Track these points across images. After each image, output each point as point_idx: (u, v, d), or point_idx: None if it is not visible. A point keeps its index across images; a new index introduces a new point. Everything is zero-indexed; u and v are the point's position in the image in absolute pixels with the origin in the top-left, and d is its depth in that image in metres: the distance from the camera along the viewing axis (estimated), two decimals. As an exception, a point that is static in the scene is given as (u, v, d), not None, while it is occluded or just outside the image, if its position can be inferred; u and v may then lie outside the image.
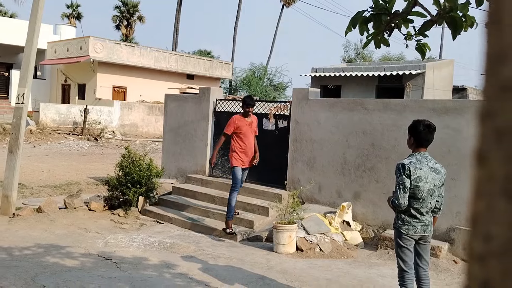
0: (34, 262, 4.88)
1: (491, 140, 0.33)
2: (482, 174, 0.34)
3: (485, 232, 0.33)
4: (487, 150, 0.34)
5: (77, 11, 38.79)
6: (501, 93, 0.32)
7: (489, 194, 0.33)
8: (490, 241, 0.33)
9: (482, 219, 0.33)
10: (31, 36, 7.07)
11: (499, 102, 0.33)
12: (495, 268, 0.32)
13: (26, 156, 12.39)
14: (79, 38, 24.00)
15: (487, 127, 0.34)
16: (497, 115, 0.33)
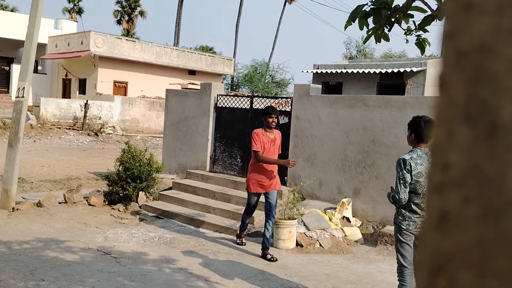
0: (33, 256, 4.88)
1: (452, 62, 0.32)
2: (443, 100, 0.33)
3: (444, 161, 0.32)
4: (448, 74, 0.32)
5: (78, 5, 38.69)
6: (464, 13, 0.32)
7: (449, 120, 0.32)
8: (449, 170, 0.32)
9: (441, 147, 0.32)
10: (32, 30, 7.04)
11: (461, 22, 0.32)
12: (453, 197, 0.31)
13: (26, 151, 12.39)
14: (80, 32, 23.94)
15: (449, 49, 0.32)
16: (459, 35, 0.32)
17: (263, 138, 5.45)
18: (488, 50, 0.30)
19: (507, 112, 0.29)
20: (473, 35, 0.31)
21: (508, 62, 0.29)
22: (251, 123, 8.11)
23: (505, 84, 0.29)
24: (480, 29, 0.30)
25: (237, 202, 7.28)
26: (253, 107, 8.15)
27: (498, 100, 0.29)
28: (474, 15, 0.31)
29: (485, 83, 0.30)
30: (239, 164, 8.26)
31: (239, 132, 8.24)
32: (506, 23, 0.29)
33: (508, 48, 0.29)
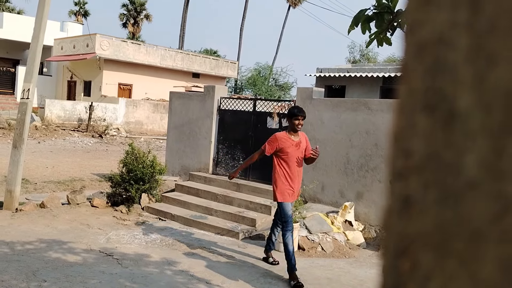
0: (36, 257, 4.90)
1: (413, 54, 0.33)
2: (404, 90, 0.34)
3: (405, 148, 0.33)
4: (408, 65, 0.34)
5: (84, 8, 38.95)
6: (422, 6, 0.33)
7: (410, 109, 0.33)
8: (410, 156, 0.33)
9: (402, 135, 0.34)
10: (37, 32, 7.10)
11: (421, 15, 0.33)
12: (415, 183, 0.32)
13: (31, 152, 12.45)
14: (85, 35, 24.09)
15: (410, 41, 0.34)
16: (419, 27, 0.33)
17: (284, 143, 4.86)
18: (445, 42, 0.31)
19: (463, 101, 0.30)
20: (431, 28, 0.32)
21: (463, 53, 0.30)
22: (254, 126, 8.13)
23: (461, 74, 0.30)
24: (438, 22, 0.32)
25: (239, 205, 7.28)
26: (256, 109, 8.16)
27: (455, 89, 0.31)
28: (433, 8, 0.32)
29: (442, 73, 0.31)
30: (242, 167, 8.26)
31: (242, 135, 8.26)
32: (461, 16, 0.31)
33: (463, 39, 0.30)
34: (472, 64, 0.30)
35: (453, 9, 0.31)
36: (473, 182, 0.30)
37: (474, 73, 0.30)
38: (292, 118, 4.91)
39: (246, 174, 8.16)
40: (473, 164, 0.30)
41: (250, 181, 7.99)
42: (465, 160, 0.30)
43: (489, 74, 0.29)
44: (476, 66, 0.30)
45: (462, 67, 0.30)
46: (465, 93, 0.30)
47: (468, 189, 0.30)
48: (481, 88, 0.30)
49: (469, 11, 0.30)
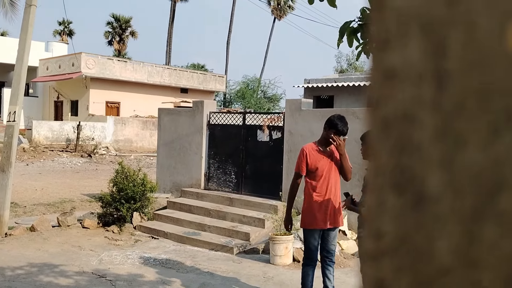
0: (27, 282, 4.81)
1: (379, 131, 0.32)
2: (373, 167, 0.33)
3: (376, 229, 0.32)
4: (376, 142, 0.33)
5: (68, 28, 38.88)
6: (386, 81, 0.32)
7: (379, 188, 0.32)
8: (381, 238, 0.31)
9: (374, 215, 0.32)
10: (22, 53, 7.06)
11: (385, 90, 0.32)
12: (387, 266, 0.31)
13: (19, 175, 12.28)
14: (71, 54, 24.00)
15: (375, 118, 0.33)
16: (383, 104, 0.32)
17: (313, 156, 4.16)
18: (411, 119, 0.30)
19: (432, 182, 0.29)
20: (395, 104, 0.31)
21: (430, 132, 0.29)
22: (244, 139, 8.13)
23: (428, 153, 0.29)
24: (402, 98, 0.30)
25: (232, 219, 7.24)
26: (246, 123, 8.17)
27: (423, 169, 0.29)
28: (396, 83, 0.31)
29: (409, 152, 0.30)
30: (234, 181, 8.24)
31: (233, 149, 8.25)
32: (427, 93, 0.30)
33: (429, 118, 0.29)
34: (439, 144, 0.29)
35: (418, 85, 0.30)
36: (445, 269, 0.28)
37: (443, 154, 0.29)
38: (331, 130, 4.12)
39: (239, 188, 8.13)
40: (445, 250, 0.29)
41: (242, 195, 7.96)
42: (437, 245, 0.29)
43: (458, 156, 0.28)
44: (444, 147, 0.29)
45: (429, 147, 0.29)
46: (434, 174, 0.29)
47: (441, 276, 0.28)
48: (450, 170, 0.28)
49: (435, 88, 0.29)
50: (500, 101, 0.27)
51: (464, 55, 0.28)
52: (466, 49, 0.28)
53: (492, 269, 0.27)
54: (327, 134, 4.13)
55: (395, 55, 0.31)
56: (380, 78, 0.32)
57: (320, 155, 4.16)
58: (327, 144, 4.17)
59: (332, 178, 4.18)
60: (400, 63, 0.30)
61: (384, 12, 0.31)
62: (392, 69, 0.31)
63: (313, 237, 4.16)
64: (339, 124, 4.12)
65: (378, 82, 0.32)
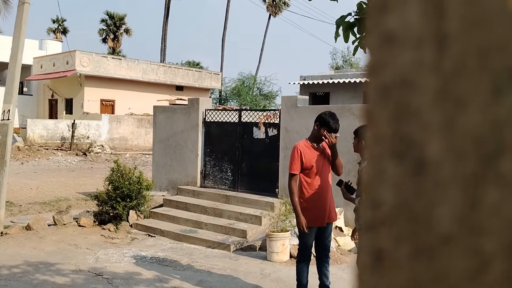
0: (23, 281, 4.79)
1: (376, 97, 0.32)
2: (371, 136, 0.32)
3: (374, 198, 0.31)
4: (373, 109, 0.32)
5: (63, 25, 38.64)
6: (385, 45, 0.31)
7: (378, 156, 0.31)
8: (379, 207, 0.31)
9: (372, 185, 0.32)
10: (15, 51, 7.00)
11: (383, 55, 0.31)
12: (386, 235, 0.30)
13: (14, 173, 12.21)
14: (65, 52, 23.87)
15: (373, 84, 0.32)
16: (382, 69, 0.31)
17: (307, 153, 4.12)
18: (410, 84, 0.29)
19: (432, 148, 0.29)
20: (394, 69, 0.30)
21: (430, 96, 0.29)
22: (240, 137, 8.12)
23: (428, 118, 0.29)
24: (401, 62, 0.30)
25: (229, 217, 7.24)
26: (242, 120, 8.16)
27: (423, 136, 0.29)
28: (395, 48, 0.30)
29: (409, 118, 0.29)
30: (230, 178, 8.24)
31: (229, 146, 8.24)
32: (427, 56, 0.29)
33: (429, 81, 0.29)
34: (439, 108, 0.28)
35: (418, 48, 0.29)
36: (447, 236, 0.28)
37: (443, 118, 0.28)
38: (323, 127, 4.11)
39: (235, 186, 8.13)
40: (446, 217, 0.28)
41: (239, 192, 7.96)
42: (438, 212, 0.28)
43: (458, 119, 0.28)
44: (444, 111, 0.28)
45: (429, 112, 0.29)
46: (434, 139, 0.28)
47: (442, 244, 0.28)
48: (451, 134, 0.28)
49: (435, 50, 0.29)
50: (501, 59, 0.26)
51: (464, 15, 0.27)
52: (465, 9, 0.27)
53: (494, 235, 0.26)
54: (319, 132, 4.11)
55: (394, 18, 0.30)
56: (379, 43, 0.31)
57: (314, 152, 4.14)
58: (319, 141, 4.15)
59: (325, 174, 4.16)
60: (399, 26, 0.30)
61: None
62: (390, 32, 0.30)
63: (310, 234, 4.14)
64: (331, 122, 4.10)
65: (376, 47, 0.31)
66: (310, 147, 4.14)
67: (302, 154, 4.10)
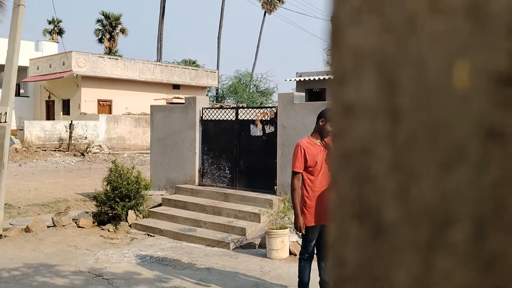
0: (23, 283, 4.79)
1: (340, 161, 0.33)
2: (334, 197, 0.34)
3: (339, 257, 0.33)
4: (337, 173, 0.33)
5: (58, 26, 38.51)
6: (345, 115, 0.33)
7: (341, 217, 0.33)
8: (344, 266, 0.32)
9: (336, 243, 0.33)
10: (11, 53, 6.99)
11: (344, 124, 0.33)
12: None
13: (12, 175, 12.20)
14: (61, 53, 23.81)
15: (336, 149, 0.34)
16: (344, 136, 0.33)
17: (310, 150, 4.07)
18: (368, 152, 0.31)
19: (388, 214, 0.30)
20: (354, 137, 0.32)
21: (385, 164, 0.30)
22: (238, 134, 8.13)
23: (384, 185, 0.30)
24: (360, 132, 0.32)
25: (228, 215, 7.25)
26: (239, 118, 8.17)
27: (380, 201, 0.30)
28: (354, 118, 0.32)
29: (367, 184, 0.31)
30: (228, 176, 8.25)
31: (226, 144, 8.25)
32: (381, 127, 0.31)
33: (384, 151, 0.30)
34: (394, 176, 0.30)
35: (373, 120, 0.31)
36: None
37: (398, 186, 0.29)
38: (328, 122, 3.99)
39: (233, 183, 8.14)
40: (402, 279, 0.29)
41: (237, 190, 7.98)
42: (395, 275, 0.30)
43: (412, 188, 0.29)
44: (398, 179, 0.29)
45: (385, 179, 0.30)
46: (390, 205, 0.30)
47: None
48: (405, 202, 0.29)
49: (389, 123, 0.30)
50: (448, 135, 0.28)
51: (415, 92, 0.29)
52: (416, 86, 0.28)
53: None
54: (325, 127, 4.03)
55: (352, 91, 0.32)
56: (340, 112, 0.33)
57: (317, 149, 4.09)
58: (322, 137, 4.11)
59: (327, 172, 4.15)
60: (356, 99, 0.31)
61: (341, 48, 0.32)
62: (349, 104, 0.32)
63: (313, 232, 4.12)
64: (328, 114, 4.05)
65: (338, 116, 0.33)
66: (314, 144, 4.10)
67: (306, 152, 4.06)
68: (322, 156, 4.07)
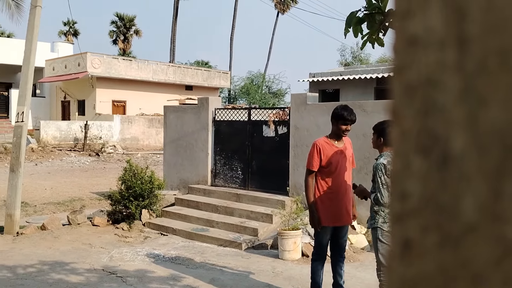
0: (39, 280, 4.87)
1: (403, 95, 0.33)
2: (397, 132, 0.34)
3: (401, 191, 0.33)
4: (400, 107, 0.34)
5: (73, 28, 39.05)
6: (408, 48, 0.33)
7: (404, 151, 0.33)
8: (406, 199, 0.33)
9: (399, 178, 0.33)
10: (28, 54, 7.11)
11: (408, 57, 0.33)
12: (413, 226, 0.32)
13: (29, 174, 12.39)
14: (76, 54, 24.13)
15: (399, 83, 0.34)
16: (407, 70, 0.33)
17: (326, 150, 4.06)
18: (434, 83, 0.31)
19: (457, 143, 0.30)
20: (419, 69, 0.32)
21: (454, 94, 0.30)
22: (250, 135, 8.14)
23: (453, 115, 0.30)
24: (426, 63, 0.32)
25: (240, 215, 7.26)
26: (251, 119, 8.18)
27: (448, 131, 0.31)
28: (419, 49, 0.32)
29: (434, 115, 0.31)
30: (240, 177, 8.26)
31: (239, 145, 8.27)
32: (449, 57, 0.31)
33: (452, 81, 0.30)
34: (463, 105, 0.30)
35: (441, 49, 0.31)
36: (471, 225, 0.29)
37: (466, 114, 0.30)
38: (339, 122, 4.03)
39: (246, 184, 8.15)
40: (470, 207, 0.30)
41: (249, 190, 7.98)
42: (462, 203, 0.30)
43: (481, 115, 0.29)
44: (467, 107, 0.30)
45: (454, 109, 0.30)
46: (458, 134, 0.30)
47: (467, 233, 0.30)
48: (474, 129, 0.29)
49: (457, 51, 0.30)
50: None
51: (484, 19, 0.29)
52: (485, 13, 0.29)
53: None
54: (337, 128, 4.05)
55: (417, 22, 0.32)
56: (403, 46, 0.33)
57: (333, 149, 4.07)
58: (339, 137, 4.11)
59: (344, 173, 4.09)
60: (422, 30, 0.32)
61: None
62: (414, 36, 0.32)
63: (325, 233, 4.10)
64: (345, 113, 4.03)
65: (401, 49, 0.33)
66: (330, 144, 4.09)
67: (322, 151, 4.04)
68: (339, 157, 4.06)
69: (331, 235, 4.14)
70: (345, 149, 4.12)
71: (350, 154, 4.18)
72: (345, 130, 4.05)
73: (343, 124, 4.03)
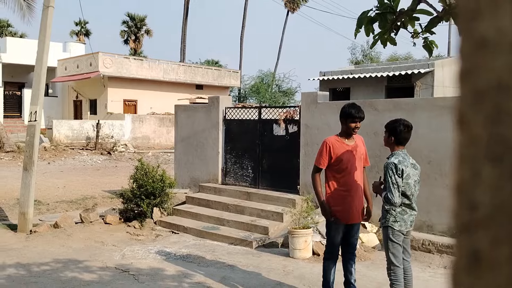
0: (52, 277, 4.93)
1: (471, 101, 0.32)
2: (464, 139, 0.32)
3: (470, 200, 0.31)
4: (467, 113, 0.32)
5: (85, 28, 39.39)
6: (477, 51, 0.31)
7: (472, 159, 0.31)
8: (476, 209, 0.31)
9: (466, 186, 0.32)
10: (41, 54, 7.19)
11: (477, 60, 0.31)
12: (483, 237, 0.30)
13: (41, 173, 12.54)
14: (88, 54, 24.35)
15: (466, 88, 0.32)
16: (475, 74, 0.31)
17: (337, 148, 4.03)
18: (506, 87, 0.29)
19: None
20: (489, 74, 0.30)
21: None
22: (260, 134, 8.14)
23: None
24: (496, 67, 0.30)
25: (250, 214, 7.28)
26: (262, 117, 8.18)
27: None
28: (489, 53, 0.30)
29: (505, 121, 0.30)
30: (251, 175, 8.27)
31: (249, 143, 8.27)
32: None
33: None
34: None
35: None
36: None
37: None
38: (347, 120, 4.03)
39: (256, 183, 8.16)
40: None
41: (260, 189, 7.99)
42: None
43: None
44: None
45: None
46: None
47: None
48: None
49: None
50: None
51: None
52: None
53: None
54: (346, 126, 4.05)
55: (487, 24, 0.30)
56: (471, 48, 0.31)
57: (344, 147, 4.05)
58: (349, 136, 4.10)
59: (355, 171, 4.06)
60: (492, 32, 0.30)
61: None
62: (483, 38, 0.30)
63: (337, 232, 4.09)
64: (353, 111, 4.03)
65: (469, 53, 0.32)
66: (341, 142, 4.08)
67: (332, 149, 4.04)
68: (349, 155, 4.03)
69: (342, 233, 4.13)
70: (356, 147, 4.10)
71: (362, 152, 4.15)
72: (354, 128, 4.04)
73: (352, 122, 4.02)
